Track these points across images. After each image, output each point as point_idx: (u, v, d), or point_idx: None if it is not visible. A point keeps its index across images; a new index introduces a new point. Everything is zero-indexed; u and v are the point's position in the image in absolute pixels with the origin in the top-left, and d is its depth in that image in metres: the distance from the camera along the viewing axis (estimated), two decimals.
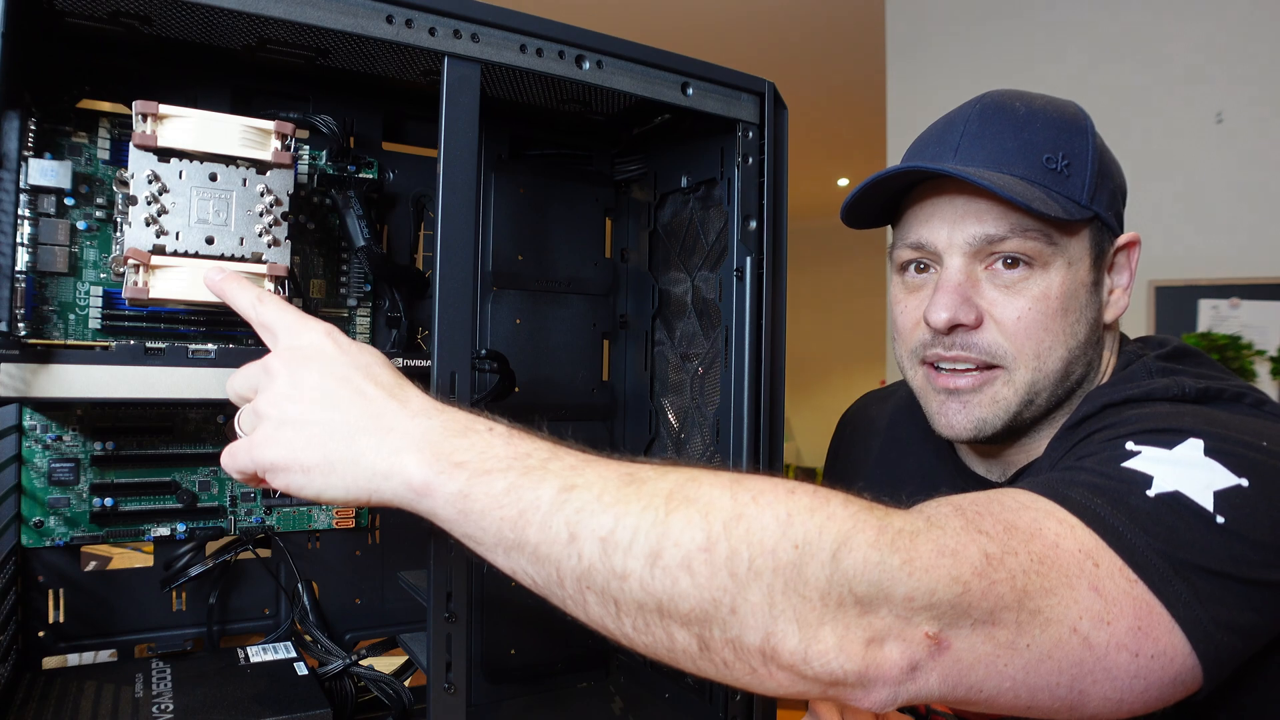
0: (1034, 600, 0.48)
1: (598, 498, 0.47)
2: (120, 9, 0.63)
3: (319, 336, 0.55)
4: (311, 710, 0.66)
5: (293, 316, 0.56)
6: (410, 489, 0.49)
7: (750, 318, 0.76)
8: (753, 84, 0.76)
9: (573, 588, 0.48)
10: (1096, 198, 0.72)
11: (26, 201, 0.66)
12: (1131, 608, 0.51)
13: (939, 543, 0.47)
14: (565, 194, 0.91)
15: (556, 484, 0.48)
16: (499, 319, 0.86)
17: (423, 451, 0.49)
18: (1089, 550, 0.52)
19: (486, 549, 0.50)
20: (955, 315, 0.72)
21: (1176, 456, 0.58)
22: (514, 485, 0.48)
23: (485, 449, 0.49)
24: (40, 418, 0.72)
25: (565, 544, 0.47)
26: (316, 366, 0.53)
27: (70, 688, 0.67)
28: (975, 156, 0.72)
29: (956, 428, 0.75)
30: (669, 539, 0.46)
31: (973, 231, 0.72)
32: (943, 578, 0.46)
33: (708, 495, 0.47)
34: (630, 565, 0.46)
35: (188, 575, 0.75)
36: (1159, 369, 0.73)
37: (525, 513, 0.47)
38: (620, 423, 0.96)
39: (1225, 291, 2.40)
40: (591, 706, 0.86)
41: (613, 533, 0.46)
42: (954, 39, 2.92)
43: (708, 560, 0.45)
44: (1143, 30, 2.54)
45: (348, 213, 0.77)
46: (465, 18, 0.63)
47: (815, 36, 4.01)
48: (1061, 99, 0.77)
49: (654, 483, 0.48)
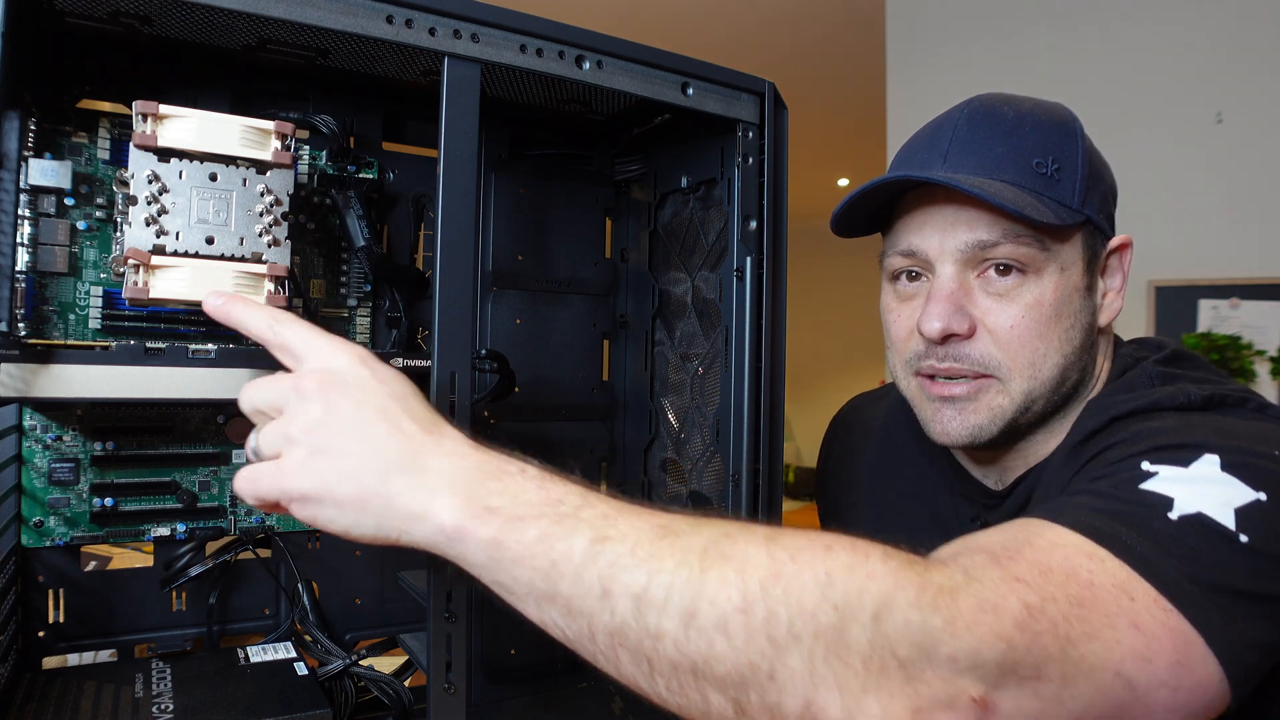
0: (1077, 648, 0.47)
1: (631, 551, 0.46)
2: (120, 9, 0.63)
3: (354, 362, 0.52)
4: (311, 710, 0.66)
5: (320, 337, 0.54)
6: (442, 533, 0.48)
7: (750, 318, 0.76)
8: (753, 84, 0.76)
9: (605, 644, 0.47)
10: (1088, 201, 0.72)
11: (26, 201, 0.66)
12: (1170, 640, 0.50)
13: (979, 597, 0.46)
14: (565, 194, 0.91)
15: (589, 534, 0.47)
16: (499, 319, 0.86)
17: (456, 494, 0.48)
18: (1123, 584, 0.51)
19: (518, 598, 0.49)
20: (948, 325, 0.71)
21: (1194, 474, 0.57)
22: (546, 534, 0.47)
23: (518, 493, 0.48)
24: (40, 418, 0.72)
25: (598, 599, 0.46)
26: (353, 394, 0.50)
27: (70, 688, 0.67)
28: (965, 163, 0.72)
29: (952, 434, 0.75)
30: (704, 598, 0.44)
31: (964, 239, 0.71)
32: (986, 635, 0.45)
33: (744, 552, 0.46)
34: (665, 624, 0.45)
35: (188, 575, 0.75)
36: (1159, 374, 0.72)
37: (557, 564, 0.46)
38: (620, 423, 0.96)
39: (1225, 291, 2.40)
40: (591, 706, 0.86)
41: (646, 589, 0.45)
42: (954, 39, 2.92)
43: (745, 622, 0.44)
44: (1143, 30, 2.54)
45: (348, 213, 0.77)
46: (465, 18, 0.63)
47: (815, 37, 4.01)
48: (1049, 101, 0.76)
49: (688, 537, 0.47)
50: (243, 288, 0.65)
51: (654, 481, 0.95)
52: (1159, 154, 2.43)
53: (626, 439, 0.96)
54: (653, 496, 0.95)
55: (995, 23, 2.83)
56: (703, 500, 0.86)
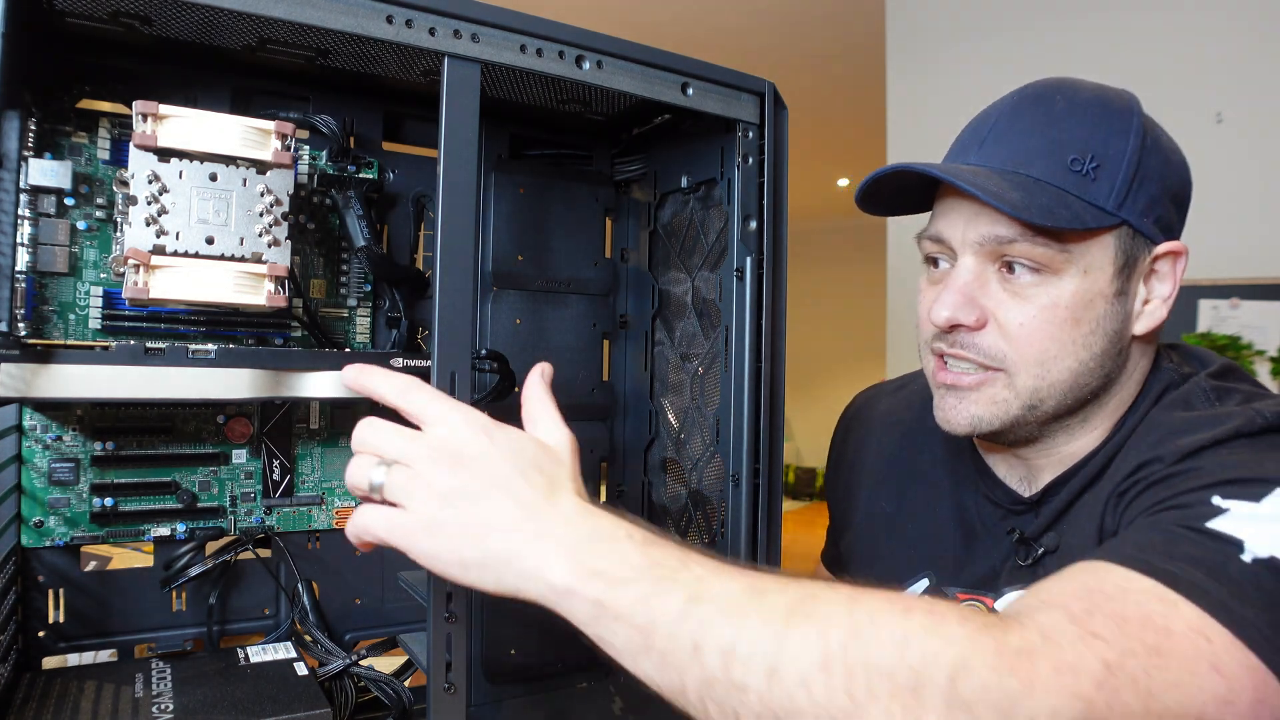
0: (1159, 699, 0.48)
1: (721, 610, 0.49)
2: (120, 9, 0.63)
3: (477, 433, 0.56)
4: (311, 710, 0.66)
5: (445, 404, 0.58)
6: (553, 590, 0.52)
7: (750, 318, 0.76)
8: (753, 84, 0.76)
9: (695, 696, 0.50)
10: (1127, 203, 0.69)
11: (26, 201, 0.66)
12: (1250, 681, 0.50)
13: (1056, 659, 0.47)
14: (565, 194, 0.91)
15: (684, 594, 0.50)
16: (499, 319, 0.86)
17: (567, 559, 0.52)
18: (1199, 628, 0.51)
19: (617, 651, 0.52)
20: (955, 315, 0.71)
21: (1266, 512, 0.57)
22: (645, 595, 0.50)
23: (622, 558, 0.52)
24: (40, 418, 0.72)
25: (689, 654, 0.49)
26: (479, 463, 0.54)
27: (70, 688, 0.67)
28: (997, 153, 0.71)
29: (952, 422, 0.75)
30: (786, 655, 0.47)
31: (984, 231, 0.70)
32: (1065, 696, 0.46)
33: (825, 612, 0.49)
34: (750, 679, 0.47)
35: (188, 575, 0.75)
36: (1214, 390, 0.71)
37: (654, 621, 0.50)
38: (620, 423, 0.96)
39: (1225, 291, 2.40)
40: (591, 706, 0.86)
41: (734, 646, 0.48)
42: (954, 39, 2.92)
43: (825, 679, 0.46)
44: (1143, 30, 2.54)
45: (348, 213, 0.77)
46: (465, 18, 0.63)
47: (815, 37, 4.02)
48: (1115, 90, 0.74)
49: (775, 596, 0.50)
50: (242, 288, 0.65)
51: (654, 481, 0.95)
52: None
53: (626, 439, 0.96)
54: (653, 496, 0.95)
55: (995, 23, 2.84)
56: (703, 500, 0.86)
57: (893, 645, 0.46)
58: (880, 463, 0.95)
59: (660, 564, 0.52)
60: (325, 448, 0.83)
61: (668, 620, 0.49)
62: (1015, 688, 0.45)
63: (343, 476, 0.83)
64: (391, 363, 0.72)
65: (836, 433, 1.05)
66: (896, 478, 0.92)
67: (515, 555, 0.53)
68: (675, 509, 0.91)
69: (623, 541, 0.53)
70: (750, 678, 0.47)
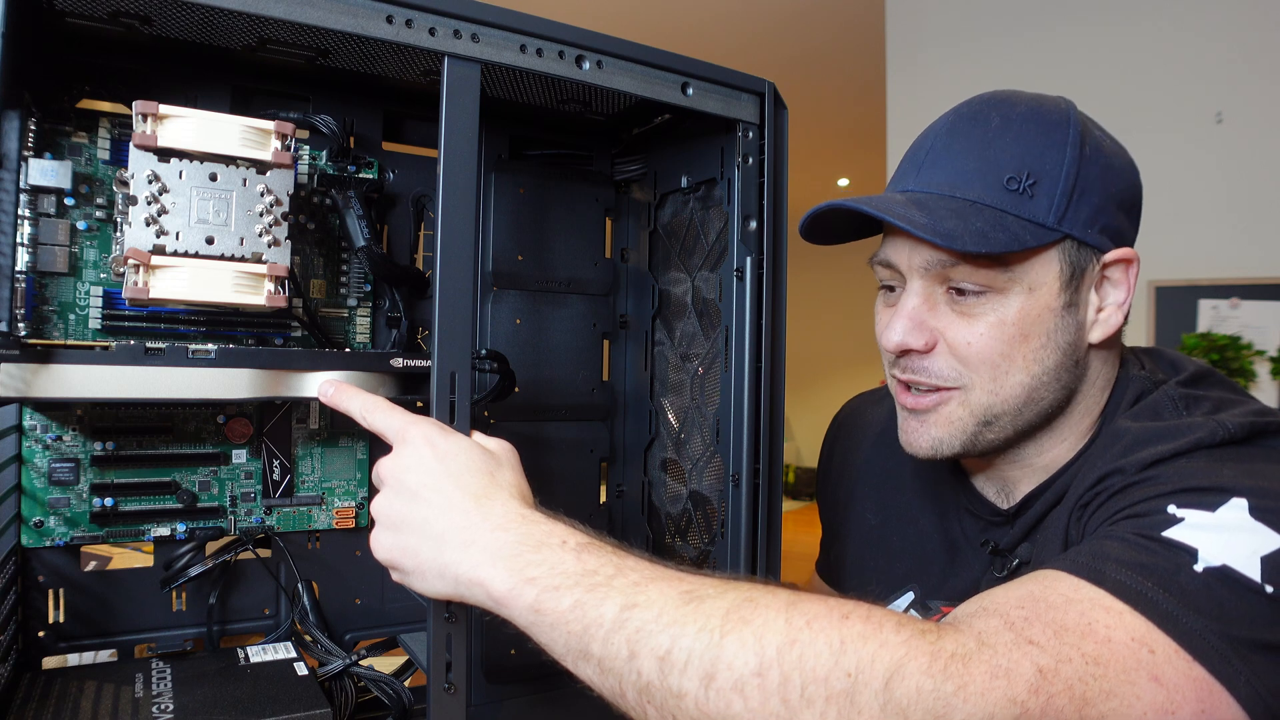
0: (1095, 708, 0.48)
1: (657, 617, 0.50)
2: (120, 9, 0.63)
3: (418, 445, 0.59)
4: (311, 710, 0.66)
5: (398, 421, 0.61)
6: (491, 599, 0.54)
7: (750, 318, 0.76)
8: (753, 84, 0.76)
9: (634, 701, 0.50)
10: (1068, 216, 0.68)
11: (26, 201, 0.66)
12: (1194, 692, 0.50)
13: (991, 664, 0.47)
14: (565, 194, 0.91)
15: (619, 602, 0.51)
16: (499, 319, 0.86)
17: (498, 566, 0.54)
18: (1141, 638, 0.50)
19: (559, 656, 0.53)
20: (905, 340, 0.71)
21: (1221, 521, 0.56)
22: (580, 602, 0.51)
23: (556, 564, 0.53)
24: (40, 418, 0.72)
25: (626, 661, 0.50)
26: (414, 476, 0.58)
27: (70, 688, 0.67)
28: (934, 178, 0.71)
29: (914, 445, 0.75)
30: (722, 661, 0.47)
31: (927, 256, 0.70)
32: (999, 700, 0.46)
33: (762, 618, 0.49)
34: (685, 685, 0.48)
35: (188, 575, 0.75)
36: (1183, 399, 0.70)
37: (589, 628, 0.51)
38: (620, 423, 0.96)
39: (1225, 291, 2.40)
40: (591, 706, 0.85)
41: (670, 653, 0.49)
42: (954, 39, 2.92)
43: (760, 685, 0.47)
44: (1143, 31, 2.54)
45: (348, 213, 0.77)
46: (465, 18, 0.63)
47: (815, 36, 4.02)
48: (1051, 101, 0.73)
49: (712, 601, 0.50)
50: (243, 288, 0.65)
51: (654, 482, 0.95)
52: (1159, 154, 2.42)
53: (626, 439, 0.96)
54: (653, 497, 0.95)
55: (995, 23, 2.84)
56: (703, 500, 0.86)
57: (829, 651, 0.47)
58: (865, 474, 0.96)
59: (595, 571, 0.53)
60: (325, 448, 0.83)
61: (603, 628, 0.50)
62: (949, 692, 0.46)
63: (342, 476, 0.84)
64: (391, 363, 0.72)
65: (824, 443, 1.06)
66: (880, 490, 0.93)
67: (449, 564, 0.55)
68: (675, 509, 0.91)
69: (556, 549, 0.54)
70: (686, 684, 0.48)
